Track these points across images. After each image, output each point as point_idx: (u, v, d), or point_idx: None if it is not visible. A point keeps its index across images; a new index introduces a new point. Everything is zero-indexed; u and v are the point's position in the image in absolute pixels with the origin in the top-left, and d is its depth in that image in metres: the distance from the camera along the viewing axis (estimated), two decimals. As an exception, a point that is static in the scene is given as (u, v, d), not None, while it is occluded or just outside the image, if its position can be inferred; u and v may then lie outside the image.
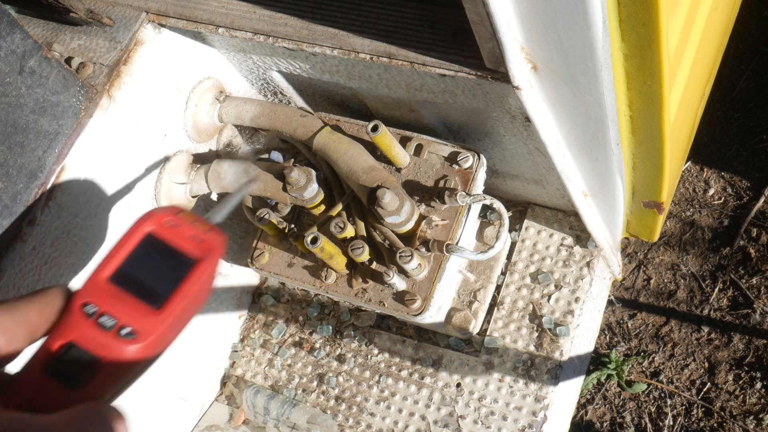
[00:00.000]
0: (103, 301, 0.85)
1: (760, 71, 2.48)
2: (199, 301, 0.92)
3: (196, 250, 0.91)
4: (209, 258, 0.91)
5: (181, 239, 0.91)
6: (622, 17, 1.01)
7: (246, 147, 1.76)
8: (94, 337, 0.82)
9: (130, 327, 0.83)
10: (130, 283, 0.88)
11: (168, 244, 0.91)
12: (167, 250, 0.91)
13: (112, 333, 0.83)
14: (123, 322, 0.84)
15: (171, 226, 0.92)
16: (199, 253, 0.91)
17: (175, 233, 0.92)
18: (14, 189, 1.25)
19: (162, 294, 0.87)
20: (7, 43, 1.19)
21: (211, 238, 0.92)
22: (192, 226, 0.93)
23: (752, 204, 2.32)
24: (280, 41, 1.34)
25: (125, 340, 0.83)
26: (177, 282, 0.88)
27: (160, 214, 0.93)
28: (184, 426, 1.92)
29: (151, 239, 0.91)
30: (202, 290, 0.91)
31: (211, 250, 0.91)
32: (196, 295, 0.90)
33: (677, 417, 2.19)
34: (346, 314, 1.94)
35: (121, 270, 0.88)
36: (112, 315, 0.84)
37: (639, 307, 2.33)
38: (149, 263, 0.89)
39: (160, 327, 0.85)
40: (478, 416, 1.75)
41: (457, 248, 1.42)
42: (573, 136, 1.32)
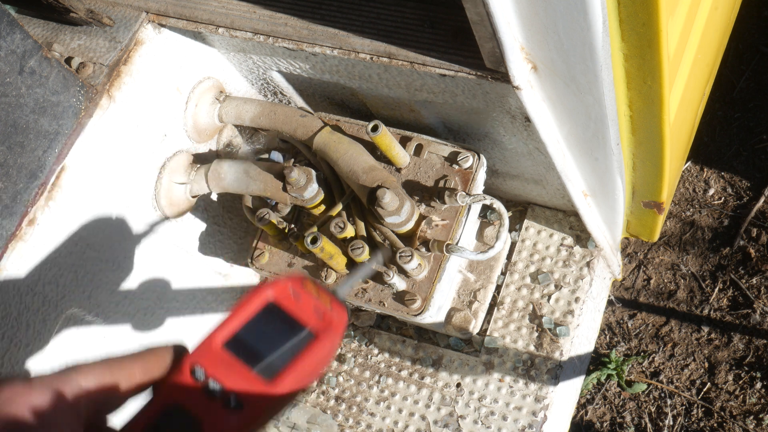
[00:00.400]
0: (214, 366, 0.83)
1: (760, 71, 2.47)
2: (313, 377, 0.89)
3: (318, 325, 0.88)
4: (330, 333, 0.88)
5: (304, 311, 0.88)
6: (622, 17, 1.01)
7: (246, 147, 1.76)
8: (200, 403, 0.81)
9: (237, 397, 0.81)
10: (244, 351, 0.85)
11: (289, 315, 0.88)
12: (287, 320, 0.88)
13: (218, 401, 0.81)
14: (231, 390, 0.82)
15: (294, 295, 0.89)
16: (320, 327, 0.88)
17: (298, 304, 0.89)
18: (14, 189, 1.25)
19: (275, 365, 0.85)
20: (7, 43, 1.19)
21: (333, 314, 0.89)
22: (315, 298, 0.90)
23: (752, 204, 2.32)
24: (280, 41, 1.34)
25: (231, 410, 0.81)
26: (293, 355, 0.85)
27: (285, 282, 0.90)
28: (184, 426, 1.92)
29: (272, 308, 0.89)
30: (318, 366, 0.88)
31: (333, 326, 0.88)
32: (311, 371, 0.87)
33: (677, 417, 2.19)
34: (346, 314, 1.94)
35: (237, 336, 0.86)
36: (221, 382, 0.82)
37: (639, 307, 2.33)
38: (267, 332, 0.87)
39: (268, 400, 0.83)
40: (478, 416, 1.75)
41: (457, 248, 1.42)
42: (573, 136, 1.32)
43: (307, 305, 0.89)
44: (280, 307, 0.89)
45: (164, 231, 1.62)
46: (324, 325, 0.88)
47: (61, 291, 1.39)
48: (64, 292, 1.39)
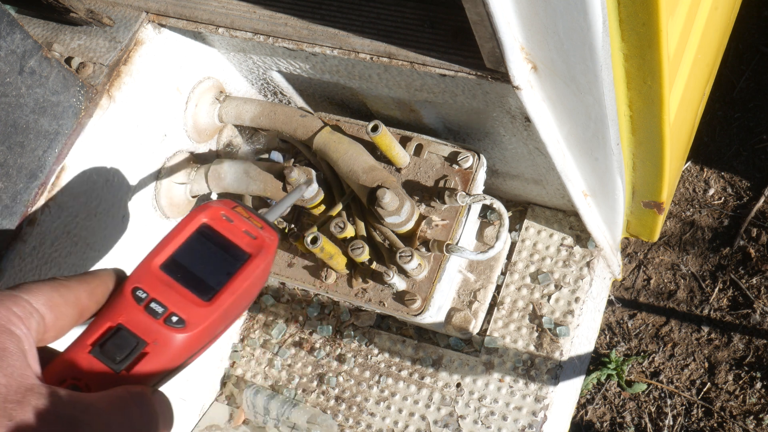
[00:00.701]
0: (154, 288, 0.85)
1: (760, 71, 2.48)
2: (250, 296, 0.91)
3: (250, 246, 0.90)
4: (262, 254, 0.90)
5: (236, 233, 0.91)
6: (622, 17, 1.01)
7: (246, 147, 1.76)
8: (143, 322, 0.82)
9: (179, 316, 0.83)
10: (182, 272, 0.87)
11: (222, 237, 0.90)
12: (221, 243, 0.90)
13: (161, 320, 0.83)
14: (172, 310, 0.84)
15: (226, 219, 0.92)
16: (252, 248, 0.90)
17: (230, 227, 0.91)
18: (14, 189, 1.25)
19: (213, 286, 0.87)
20: (7, 43, 1.19)
21: (265, 235, 0.92)
22: (247, 222, 0.92)
23: (752, 204, 2.32)
24: (280, 41, 1.34)
25: (174, 328, 0.83)
26: (229, 276, 0.88)
27: (217, 206, 0.92)
28: (184, 426, 1.92)
29: (205, 230, 0.91)
30: (253, 286, 0.90)
31: (265, 247, 0.91)
32: (247, 290, 0.89)
33: (677, 417, 2.19)
34: (346, 314, 1.94)
35: (173, 259, 0.88)
36: (163, 302, 0.84)
37: (639, 307, 2.33)
38: (202, 254, 0.89)
39: (209, 318, 0.85)
40: (478, 416, 1.75)
41: (457, 248, 1.42)
42: (573, 136, 1.32)
43: (239, 228, 0.91)
44: (214, 229, 0.91)
45: (164, 231, 1.62)
46: (256, 246, 0.91)
47: (61, 291, 1.39)
48: (64, 292, 1.39)
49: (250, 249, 0.90)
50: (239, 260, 0.89)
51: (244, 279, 0.88)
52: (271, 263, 0.93)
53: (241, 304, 0.90)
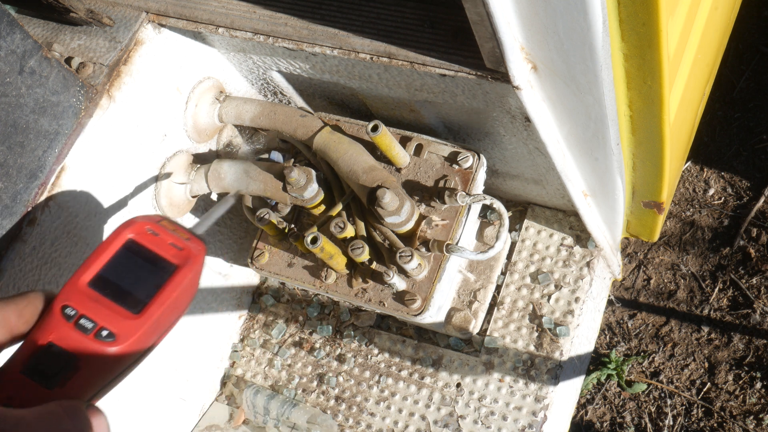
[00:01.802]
0: (83, 305, 0.87)
1: (760, 71, 2.47)
2: (180, 307, 0.93)
3: (176, 258, 0.93)
4: (189, 265, 0.92)
5: (162, 246, 0.93)
6: (622, 17, 1.01)
7: (246, 147, 1.76)
8: (73, 338, 0.84)
9: (109, 330, 0.85)
10: (109, 287, 0.89)
11: (148, 251, 0.93)
12: (147, 257, 0.92)
13: (91, 335, 0.84)
14: (102, 324, 0.85)
15: (152, 233, 0.94)
16: (178, 260, 0.93)
17: (156, 240, 0.94)
18: (14, 189, 1.25)
19: (141, 299, 0.89)
20: (7, 43, 1.19)
21: (191, 247, 0.94)
22: (172, 235, 0.95)
23: (752, 204, 2.32)
24: (280, 41, 1.34)
25: (104, 342, 0.84)
26: (157, 287, 0.90)
27: (142, 221, 0.95)
28: (184, 426, 1.92)
29: (131, 245, 0.93)
30: (183, 297, 0.93)
31: (191, 258, 0.93)
32: (176, 301, 0.91)
33: (677, 417, 2.19)
34: (346, 314, 1.94)
35: (101, 275, 0.90)
36: (92, 318, 0.85)
37: (639, 307, 2.33)
38: (129, 269, 0.91)
39: (139, 330, 0.87)
40: (478, 416, 1.75)
41: (457, 248, 1.42)
42: (573, 136, 1.32)
43: (164, 241, 0.94)
44: (139, 243, 0.93)
45: (164, 231, 1.62)
46: (182, 258, 0.93)
47: (61, 291, 1.39)
48: (64, 292, 1.39)
49: (177, 260, 0.93)
50: (166, 272, 0.92)
51: (173, 290, 0.91)
52: (199, 273, 0.95)
53: (172, 315, 0.92)
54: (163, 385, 1.80)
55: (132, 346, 0.86)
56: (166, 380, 1.80)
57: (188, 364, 1.87)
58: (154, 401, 1.78)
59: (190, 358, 1.87)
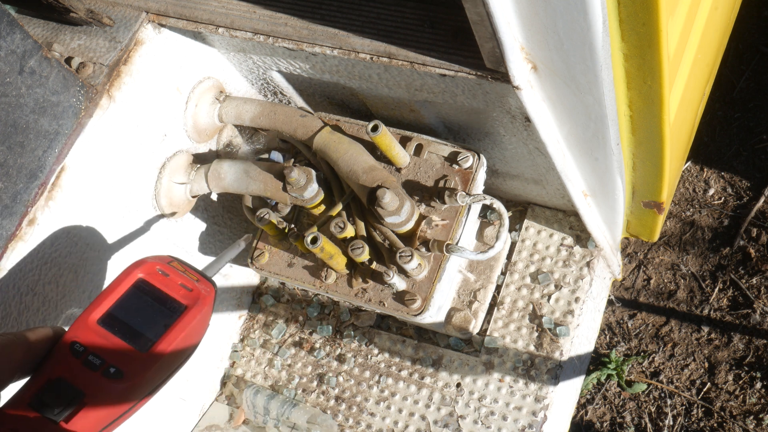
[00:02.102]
0: (92, 342, 0.88)
1: (760, 71, 2.47)
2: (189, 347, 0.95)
3: (186, 298, 0.94)
4: (198, 305, 0.94)
5: (172, 287, 0.95)
6: (622, 17, 1.01)
7: (246, 147, 1.76)
8: (81, 374, 0.85)
9: (116, 367, 0.87)
10: (119, 325, 0.90)
11: (158, 290, 0.94)
12: (157, 296, 0.94)
13: (98, 372, 0.86)
14: (110, 362, 0.87)
15: (162, 273, 0.95)
16: (188, 301, 0.94)
17: (166, 281, 0.95)
18: (14, 189, 1.25)
19: (150, 338, 0.91)
20: (7, 43, 1.19)
21: (200, 288, 0.96)
22: (183, 276, 0.96)
23: (752, 204, 2.32)
24: (280, 41, 1.34)
25: (111, 380, 0.86)
26: (166, 327, 0.92)
27: (152, 261, 0.96)
28: (184, 426, 1.92)
29: (141, 285, 0.94)
30: (191, 336, 0.94)
31: (201, 299, 0.94)
32: (185, 340, 0.93)
33: (677, 417, 2.19)
34: (346, 314, 1.94)
35: (110, 313, 0.91)
36: (100, 355, 0.87)
37: (639, 307, 2.33)
38: (139, 308, 0.93)
39: (147, 369, 0.89)
40: (478, 416, 1.75)
41: (457, 248, 1.42)
42: (573, 136, 1.32)
43: (174, 281, 0.95)
44: (149, 283, 0.95)
45: (164, 231, 1.62)
46: (193, 298, 0.95)
47: (61, 291, 1.39)
48: (64, 292, 1.40)
49: (186, 301, 0.94)
50: (176, 312, 0.93)
51: (181, 329, 0.92)
52: (208, 314, 0.96)
53: (180, 354, 0.94)
54: (163, 385, 1.80)
55: (139, 384, 0.88)
56: (166, 380, 1.80)
57: (188, 364, 1.87)
58: (154, 401, 1.78)
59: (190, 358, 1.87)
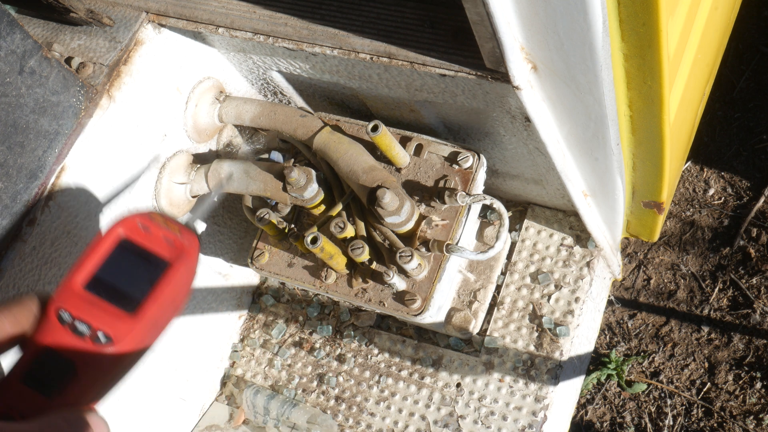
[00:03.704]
0: (78, 308, 0.85)
1: (760, 71, 2.47)
2: (177, 302, 0.92)
3: (170, 252, 0.91)
4: (183, 259, 0.91)
5: (154, 242, 0.91)
6: (622, 17, 1.01)
7: (246, 147, 1.76)
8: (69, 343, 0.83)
9: (105, 332, 0.84)
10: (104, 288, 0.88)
11: (141, 247, 0.91)
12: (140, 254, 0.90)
13: (87, 338, 0.83)
14: (98, 327, 0.84)
15: (143, 229, 0.92)
16: (172, 254, 0.91)
17: (148, 236, 0.91)
18: (14, 189, 1.25)
19: (136, 297, 0.87)
20: (7, 43, 1.19)
21: (184, 240, 0.92)
22: (165, 229, 0.92)
23: (752, 204, 2.32)
24: (280, 41, 1.34)
25: (101, 345, 0.83)
26: (151, 284, 0.88)
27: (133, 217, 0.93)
28: (184, 426, 1.92)
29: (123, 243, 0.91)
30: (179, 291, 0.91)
31: (185, 251, 0.91)
32: (172, 296, 0.90)
33: (677, 417, 2.19)
34: (346, 314, 1.94)
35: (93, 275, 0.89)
36: (87, 321, 0.84)
37: (639, 307, 2.33)
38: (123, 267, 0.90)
39: (136, 330, 0.85)
40: (478, 416, 1.75)
41: (457, 248, 1.42)
42: (573, 136, 1.32)
43: (156, 236, 0.91)
44: (131, 241, 0.91)
45: (164, 231, 1.62)
46: (176, 252, 0.91)
47: (61, 291, 1.39)
48: (64, 292, 1.39)
49: (170, 255, 0.90)
50: (160, 267, 0.90)
51: (167, 285, 0.89)
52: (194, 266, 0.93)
53: (168, 311, 0.91)
54: (163, 385, 1.80)
55: (130, 347, 0.85)
56: (166, 380, 1.80)
57: (188, 364, 1.87)
58: (154, 401, 1.78)
59: (190, 358, 1.87)
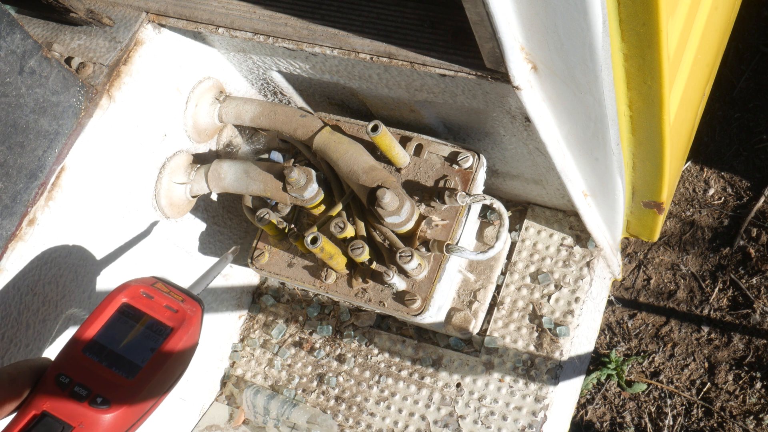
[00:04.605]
0: (77, 372, 0.86)
1: (760, 71, 2.47)
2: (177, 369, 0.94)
3: (171, 320, 0.93)
4: (184, 326, 0.93)
5: (156, 309, 0.93)
6: (622, 17, 1.01)
7: (246, 147, 1.76)
8: (67, 407, 0.84)
9: (103, 396, 0.85)
10: (104, 353, 0.89)
11: (143, 314, 0.93)
12: (142, 320, 0.92)
13: (85, 403, 0.84)
14: (97, 391, 0.85)
15: (146, 296, 0.94)
16: (174, 322, 0.93)
17: (151, 303, 0.93)
18: (14, 189, 1.25)
19: (137, 363, 0.89)
20: (7, 43, 1.19)
21: (186, 308, 0.94)
22: (167, 297, 0.95)
23: (752, 204, 2.32)
24: (280, 41, 1.34)
25: (99, 409, 0.84)
26: (152, 351, 0.90)
27: (136, 285, 0.95)
28: (184, 426, 1.92)
29: (126, 309, 0.93)
30: (179, 357, 0.93)
31: (187, 319, 0.93)
32: (173, 362, 0.92)
33: (677, 417, 2.19)
34: (346, 314, 1.94)
35: (95, 341, 0.90)
36: (86, 385, 0.85)
37: (639, 307, 2.33)
38: (124, 333, 0.91)
39: (135, 395, 0.87)
40: (478, 416, 1.75)
41: (457, 248, 1.42)
42: (573, 136, 1.32)
43: (159, 303, 0.94)
44: (134, 307, 0.93)
45: (164, 231, 1.62)
46: (178, 319, 0.93)
47: (61, 291, 1.39)
48: (64, 292, 1.39)
49: (172, 322, 0.93)
50: (162, 335, 0.92)
51: (168, 352, 0.91)
52: (196, 334, 0.95)
53: (168, 377, 0.92)
54: None
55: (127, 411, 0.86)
56: (166, 380, 1.80)
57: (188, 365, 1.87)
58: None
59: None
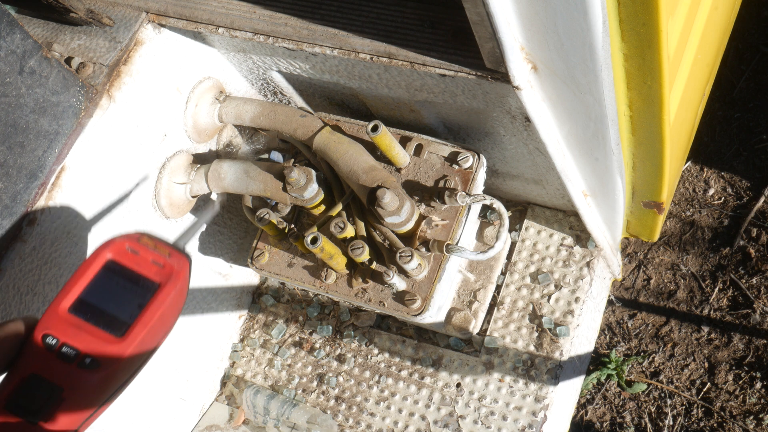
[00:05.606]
0: (64, 332, 0.84)
1: (760, 71, 2.47)
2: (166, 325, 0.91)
3: (158, 275, 0.90)
4: (172, 281, 0.90)
5: (143, 264, 0.90)
6: (622, 17, 1.01)
7: (246, 147, 1.76)
8: (55, 369, 0.82)
9: (92, 356, 0.83)
10: (91, 311, 0.87)
11: (129, 270, 0.90)
12: (129, 276, 0.90)
13: (74, 364, 0.82)
14: (85, 351, 0.83)
15: (132, 252, 0.91)
16: (161, 278, 0.90)
17: (137, 259, 0.91)
18: (14, 189, 1.25)
19: (124, 321, 0.86)
20: (7, 43, 1.19)
21: (173, 263, 0.91)
22: (153, 252, 0.92)
23: (752, 204, 2.32)
24: (280, 41, 1.34)
25: (88, 370, 0.82)
26: (140, 308, 0.88)
27: (121, 240, 0.92)
28: (184, 426, 1.92)
29: (111, 266, 0.90)
30: (167, 314, 0.90)
31: (174, 274, 0.90)
32: (161, 319, 0.89)
33: (677, 417, 2.19)
34: (346, 314, 1.94)
35: (81, 299, 0.87)
36: (74, 345, 0.83)
37: (639, 307, 2.33)
38: (110, 291, 0.89)
39: (124, 354, 0.84)
40: (478, 416, 1.75)
41: (457, 248, 1.42)
42: (573, 136, 1.32)
43: (145, 259, 0.91)
44: (119, 264, 0.90)
45: (164, 231, 1.62)
46: (165, 274, 0.90)
47: (61, 291, 1.39)
48: (64, 292, 1.39)
49: (159, 278, 0.90)
50: (149, 291, 0.89)
51: (156, 308, 0.88)
52: (184, 289, 0.92)
53: (157, 334, 0.90)
54: (163, 385, 1.80)
55: (117, 371, 0.84)
56: (166, 380, 1.80)
57: (188, 364, 1.87)
58: (154, 401, 1.78)
59: (190, 358, 1.87)
